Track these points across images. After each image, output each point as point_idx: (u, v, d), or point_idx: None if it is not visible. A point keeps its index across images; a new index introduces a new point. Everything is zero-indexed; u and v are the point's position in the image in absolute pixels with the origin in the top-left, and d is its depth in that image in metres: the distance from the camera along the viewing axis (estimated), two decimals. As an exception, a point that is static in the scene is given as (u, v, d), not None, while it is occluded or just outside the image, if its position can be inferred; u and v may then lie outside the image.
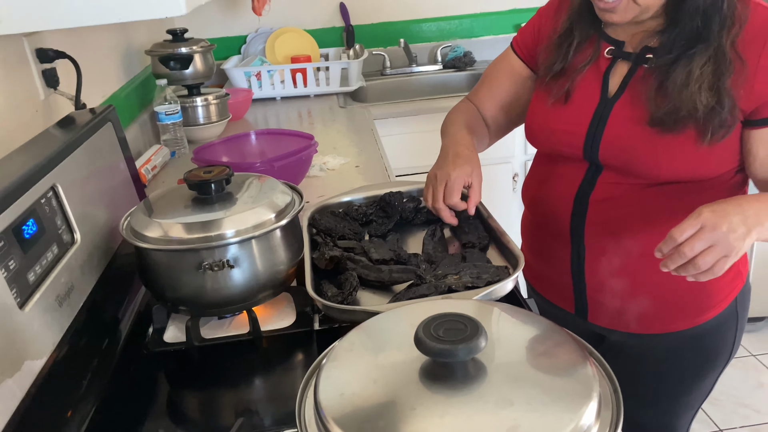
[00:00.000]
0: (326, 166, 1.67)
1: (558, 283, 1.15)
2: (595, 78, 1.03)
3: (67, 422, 0.76)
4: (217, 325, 0.99)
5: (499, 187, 2.36)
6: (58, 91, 1.33)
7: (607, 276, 1.07)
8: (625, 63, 1.01)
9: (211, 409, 0.88)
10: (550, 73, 1.07)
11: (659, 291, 1.05)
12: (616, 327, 1.12)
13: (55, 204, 0.86)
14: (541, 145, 1.13)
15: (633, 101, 0.98)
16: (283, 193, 0.98)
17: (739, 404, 2.19)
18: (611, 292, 1.08)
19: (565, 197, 1.07)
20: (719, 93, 0.90)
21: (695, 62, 0.92)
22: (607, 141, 1.00)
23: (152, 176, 1.63)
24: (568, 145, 1.05)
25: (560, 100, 1.05)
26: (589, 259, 1.07)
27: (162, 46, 1.96)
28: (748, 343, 2.47)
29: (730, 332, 1.11)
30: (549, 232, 1.13)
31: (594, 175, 1.04)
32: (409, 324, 0.63)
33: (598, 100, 1.02)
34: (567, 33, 1.06)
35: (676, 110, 0.92)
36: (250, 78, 2.41)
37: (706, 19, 0.91)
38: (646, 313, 1.08)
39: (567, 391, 0.56)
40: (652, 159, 0.96)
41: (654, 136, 0.95)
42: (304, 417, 0.60)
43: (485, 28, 2.85)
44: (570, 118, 1.04)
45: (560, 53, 1.06)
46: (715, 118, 0.91)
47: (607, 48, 1.03)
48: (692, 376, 1.15)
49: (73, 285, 0.85)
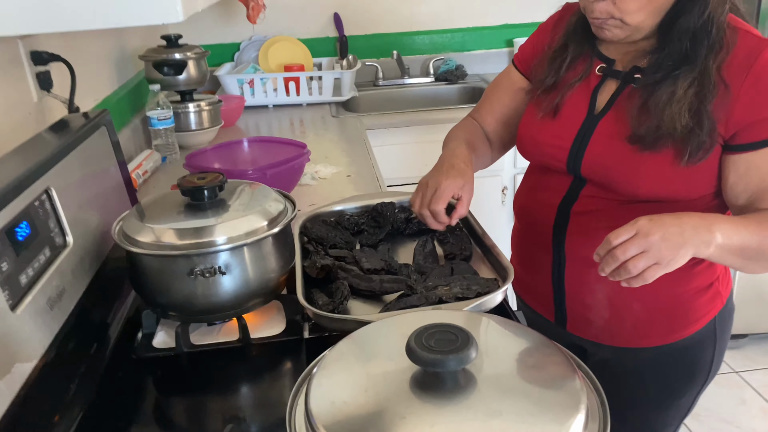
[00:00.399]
0: (318, 174, 1.68)
1: (540, 291, 1.17)
2: (584, 94, 1.05)
3: (55, 426, 0.76)
4: (206, 331, 0.99)
5: (489, 200, 2.37)
6: (51, 94, 1.33)
7: (585, 286, 1.09)
8: (614, 81, 1.03)
9: (199, 416, 0.87)
10: (541, 86, 1.09)
11: (635, 305, 1.07)
12: (593, 338, 1.14)
13: (49, 207, 0.86)
14: (530, 156, 1.15)
15: (617, 119, 1.00)
16: (276, 200, 0.99)
17: (721, 420, 2.21)
18: (589, 303, 1.10)
19: (549, 207, 1.09)
20: (700, 115, 0.92)
21: (680, 83, 0.93)
22: (590, 156, 1.02)
23: (143, 181, 1.63)
24: (553, 158, 1.07)
25: (549, 114, 1.07)
26: (569, 268, 1.09)
27: (156, 51, 1.96)
28: (732, 360, 2.49)
29: (708, 352, 1.12)
30: (534, 240, 1.15)
31: (577, 188, 1.06)
32: (399, 334, 0.63)
33: (584, 116, 1.04)
34: (561, 49, 1.08)
35: (657, 129, 0.94)
36: (243, 85, 2.41)
37: (694, 42, 0.93)
38: (622, 325, 1.10)
39: (555, 403, 0.57)
40: (631, 176, 0.98)
41: (633, 153, 0.97)
42: (294, 424, 0.60)
43: (477, 43, 2.88)
44: (557, 132, 1.06)
45: (553, 68, 1.08)
46: (694, 140, 0.92)
47: (598, 65, 1.05)
48: (668, 392, 1.16)
49: (64, 288, 0.85)
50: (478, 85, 2.73)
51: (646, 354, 1.11)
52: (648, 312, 1.07)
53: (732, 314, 1.15)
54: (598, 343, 1.13)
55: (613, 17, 0.96)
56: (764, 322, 2.52)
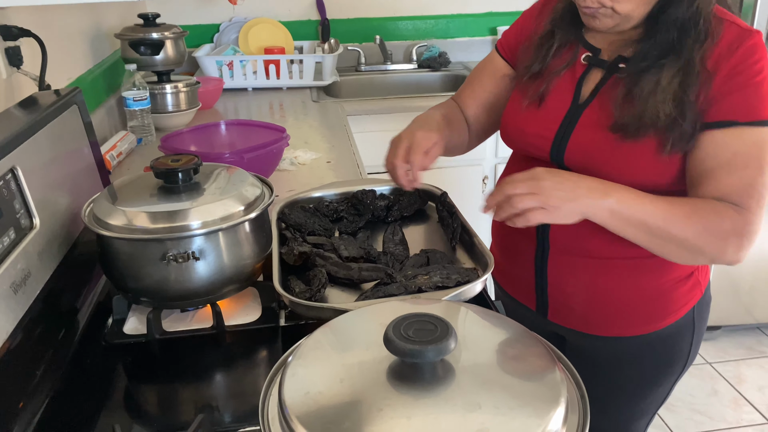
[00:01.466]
0: (297, 160, 1.65)
1: (522, 279, 1.16)
2: (569, 83, 1.04)
3: (19, 413, 0.73)
4: (179, 318, 0.97)
5: (470, 189, 2.37)
6: (21, 71, 1.28)
7: (567, 275, 1.09)
8: (599, 70, 1.02)
9: (170, 405, 0.85)
10: (527, 73, 1.08)
11: (617, 294, 1.07)
12: (573, 327, 1.14)
13: (14, 187, 0.83)
14: (513, 145, 1.14)
15: (601, 108, 1.00)
16: (253, 185, 0.97)
17: (694, 411, 2.24)
18: (570, 291, 1.10)
19: None
20: (683, 105, 0.91)
21: (665, 72, 0.93)
22: (573, 146, 1.01)
23: (117, 163, 1.59)
24: (536, 147, 1.06)
25: (534, 102, 1.07)
26: (552, 257, 1.09)
27: (133, 30, 1.91)
28: (705, 352, 2.53)
29: (686, 341, 1.13)
30: (517, 229, 1.13)
31: None
32: (377, 323, 0.62)
33: (569, 106, 1.03)
34: (548, 35, 1.07)
35: (639, 118, 0.93)
36: (221, 67, 2.37)
37: (681, 33, 0.92)
38: (603, 314, 1.10)
39: (535, 396, 0.55)
40: (614, 165, 0.97)
41: (616, 142, 0.96)
42: (267, 415, 0.58)
43: (461, 30, 2.86)
44: (541, 121, 1.05)
45: (539, 55, 1.07)
46: (676, 130, 0.92)
47: (584, 54, 1.04)
48: (647, 382, 1.17)
49: (29, 272, 0.82)
50: (461, 73, 2.72)
51: (626, 343, 1.11)
52: (629, 301, 1.07)
53: (709, 304, 1.15)
54: (578, 331, 1.14)
55: (604, 6, 0.95)
56: (737, 314, 2.56)
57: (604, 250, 1.03)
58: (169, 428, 0.78)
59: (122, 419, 0.81)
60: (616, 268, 1.05)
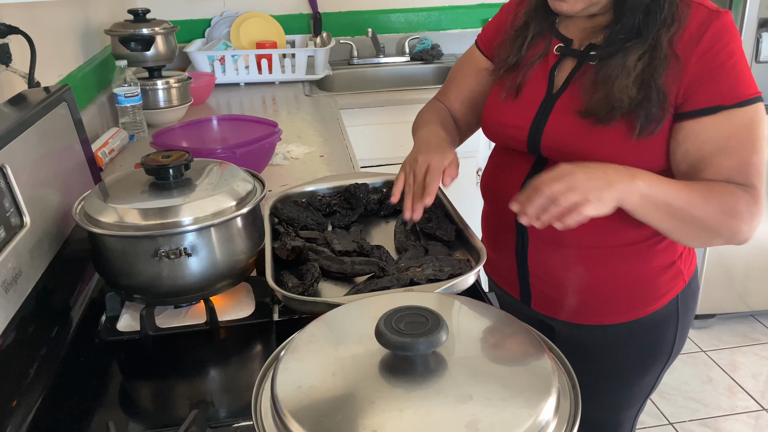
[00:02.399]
0: (290, 154, 1.65)
1: (505, 269, 1.17)
2: (542, 74, 1.06)
3: (12, 412, 0.73)
4: (173, 314, 0.97)
5: (463, 181, 2.35)
6: (10, 68, 1.27)
7: (546, 264, 1.10)
8: (571, 60, 1.04)
9: (164, 401, 0.85)
10: (504, 66, 1.09)
11: (597, 282, 1.07)
12: (556, 315, 1.14)
13: (3, 185, 0.83)
14: (493, 137, 1.16)
15: (573, 96, 1.01)
16: (245, 180, 0.96)
17: (688, 398, 2.26)
18: (551, 280, 1.11)
19: (513, 187, 1.08)
20: (648, 88, 0.92)
21: (630, 56, 0.93)
22: (548, 135, 1.02)
23: (109, 160, 1.59)
24: (514, 138, 1.07)
25: (511, 94, 1.08)
26: (531, 246, 1.10)
27: (123, 26, 1.90)
28: (699, 340, 2.54)
29: (670, 331, 1.13)
30: (499, 219, 1.16)
31: (539, 168, 1.05)
32: (370, 316, 0.62)
33: (543, 96, 1.04)
34: (523, 27, 1.08)
35: (607, 102, 0.94)
36: (213, 62, 2.36)
37: (647, 16, 0.93)
38: (585, 302, 1.10)
39: (526, 386, 0.56)
40: (588, 151, 0.97)
41: (588, 128, 0.97)
42: (260, 410, 0.58)
43: (453, 22, 2.85)
44: (517, 112, 1.07)
45: (515, 46, 1.08)
46: (642, 112, 0.92)
47: (556, 45, 1.06)
48: (632, 370, 1.17)
49: (20, 270, 0.81)
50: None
51: (610, 332, 1.12)
52: (610, 289, 1.08)
53: (696, 294, 1.16)
54: (561, 320, 1.14)
55: None
56: (731, 302, 2.57)
57: (582, 239, 1.04)
58: (163, 424, 0.78)
59: (116, 416, 0.81)
60: (595, 256, 1.06)
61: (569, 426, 0.54)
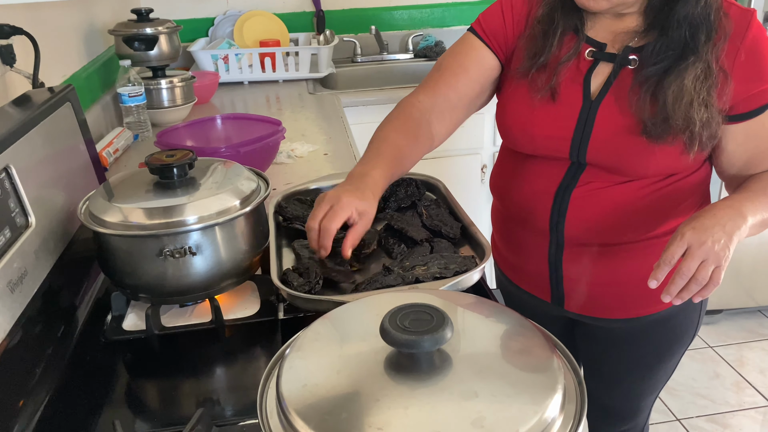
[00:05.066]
0: (294, 153, 1.65)
1: (534, 274, 1.15)
2: (575, 80, 1.01)
3: (19, 411, 0.73)
4: (178, 313, 0.97)
5: (468, 178, 2.36)
6: (14, 69, 1.28)
7: (584, 267, 1.08)
8: (607, 65, 0.99)
9: (170, 400, 0.85)
10: (535, 64, 1.01)
11: (633, 276, 1.06)
12: (591, 313, 1.14)
13: (8, 186, 0.83)
14: (520, 147, 1.08)
15: (619, 104, 0.97)
16: (249, 179, 0.96)
17: (696, 395, 2.25)
18: (587, 282, 1.10)
19: (545, 194, 1.06)
20: (710, 108, 0.93)
21: (688, 76, 0.92)
22: (596, 144, 0.99)
23: (114, 159, 1.59)
24: (552, 149, 1.03)
25: (546, 98, 1.01)
26: (567, 251, 1.08)
27: (126, 26, 1.90)
28: (706, 336, 2.53)
29: (695, 313, 1.15)
30: (525, 226, 1.12)
31: (576, 173, 1.03)
32: (375, 314, 0.62)
33: (581, 103, 1.00)
34: (549, 21, 1.01)
35: (668, 122, 0.93)
36: (217, 61, 2.36)
37: (694, 30, 0.92)
38: (620, 298, 1.10)
39: (532, 384, 0.56)
40: (642, 161, 0.98)
41: (643, 145, 0.96)
42: (265, 408, 0.58)
43: (456, 18, 2.85)
44: (552, 122, 1.01)
45: (546, 42, 1.01)
46: (705, 132, 0.94)
47: (587, 49, 1.01)
48: (657, 357, 1.18)
49: (26, 270, 0.82)
50: (458, 62, 2.70)
51: (641, 322, 1.13)
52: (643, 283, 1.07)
53: None
54: (594, 317, 1.14)
55: None
56: (738, 297, 2.55)
57: (617, 236, 1.04)
58: (169, 423, 0.78)
59: (123, 415, 0.81)
60: (629, 251, 1.05)
61: (575, 423, 0.54)
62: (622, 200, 1.02)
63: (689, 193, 1.04)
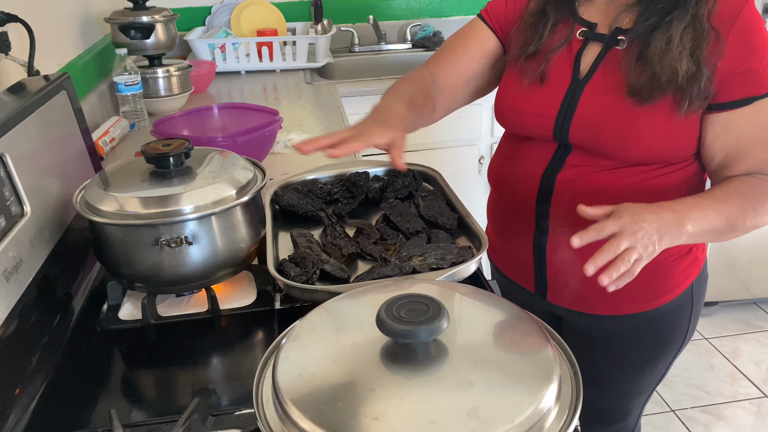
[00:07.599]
0: (291, 143, 1.64)
1: (520, 262, 1.16)
2: (567, 60, 1.03)
3: (15, 400, 0.73)
4: (174, 302, 0.97)
5: (465, 169, 2.36)
6: (9, 57, 1.27)
7: (567, 256, 1.08)
8: (596, 44, 1.01)
9: (166, 389, 0.86)
10: (524, 54, 1.05)
11: None
12: (573, 307, 1.13)
13: (3, 174, 0.82)
14: (511, 126, 1.12)
15: (605, 80, 0.99)
16: (245, 169, 0.96)
17: (690, 386, 2.26)
18: (571, 273, 1.09)
19: (532, 176, 1.07)
20: (698, 61, 0.91)
21: (674, 28, 0.92)
22: (578, 122, 1.00)
23: (110, 148, 1.58)
24: (538, 126, 1.05)
25: (535, 81, 1.04)
26: (551, 238, 1.08)
27: (122, 14, 1.89)
28: (701, 327, 2.54)
29: (685, 318, 1.13)
30: (513, 211, 1.13)
31: (562, 156, 1.04)
32: (371, 304, 0.62)
33: (569, 83, 1.02)
34: (540, 13, 1.04)
35: (656, 78, 0.92)
36: (214, 50, 2.34)
37: None
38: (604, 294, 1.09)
39: (527, 374, 0.56)
40: (622, 138, 0.97)
41: (628, 109, 0.95)
42: (261, 397, 0.58)
43: (455, 8, 2.83)
44: (541, 100, 1.04)
45: (535, 33, 1.04)
46: (695, 86, 0.91)
47: (579, 30, 1.03)
48: (645, 359, 1.17)
49: (21, 259, 0.81)
50: (456, 53, 2.69)
51: (626, 321, 1.12)
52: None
53: (707, 280, 1.16)
54: (578, 312, 1.14)
55: None
56: (734, 289, 2.57)
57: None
58: (165, 412, 0.78)
59: (119, 404, 0.81)
60: None
61: (570, 413, 0.54)
62: (608, 188, 1.01)
63: (678, 188, 1.03)
